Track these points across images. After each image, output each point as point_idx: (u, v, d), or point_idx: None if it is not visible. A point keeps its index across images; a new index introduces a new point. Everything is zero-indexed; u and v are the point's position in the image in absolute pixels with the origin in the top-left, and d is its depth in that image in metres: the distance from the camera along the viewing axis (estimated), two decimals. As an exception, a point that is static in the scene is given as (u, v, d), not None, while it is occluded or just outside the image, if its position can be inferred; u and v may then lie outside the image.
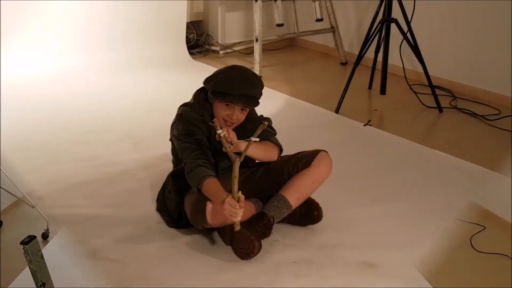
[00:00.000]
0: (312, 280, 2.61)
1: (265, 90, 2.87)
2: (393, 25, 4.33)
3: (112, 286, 2.54)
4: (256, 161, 2.96)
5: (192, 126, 2.81)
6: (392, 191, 3.34)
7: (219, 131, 2.68)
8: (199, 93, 2.91)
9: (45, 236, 2.83)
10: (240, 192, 2.63)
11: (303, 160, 2.90)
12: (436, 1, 4.80)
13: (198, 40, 5.69)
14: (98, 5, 5.03)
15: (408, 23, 4.31)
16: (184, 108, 2.88)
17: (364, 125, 4.18)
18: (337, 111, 4.37)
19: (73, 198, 3.18)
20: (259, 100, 2.82)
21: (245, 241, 2.67)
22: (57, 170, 3.46)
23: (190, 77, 4.75)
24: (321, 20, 5.36)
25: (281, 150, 2.95)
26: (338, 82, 4.92)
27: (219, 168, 2.87)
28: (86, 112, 4.25)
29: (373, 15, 4.40)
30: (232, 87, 2.73)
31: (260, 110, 3.00)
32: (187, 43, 5.50)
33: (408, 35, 4.34)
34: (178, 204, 2.89)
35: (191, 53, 5.47)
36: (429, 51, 4.70)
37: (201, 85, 2.87)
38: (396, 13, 4.32)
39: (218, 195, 2.65)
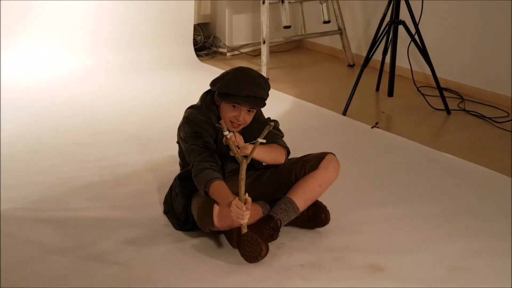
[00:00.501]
0: (320, 283, 2.59)
1: (272, 92, 2.86)
2: (400, 27, 4.31)
3: (119, 288, 2.54)
4: (264, 163, 2.95)
5: (199, 128, 2.80)
6: (399, 194, 3.32)
7: (226, 133, 2.67)
8: (206, 95, 2.90)
9: None
10: (247, 194, 2.62)
11: (311, 163, 2.89)
12: (444, 3, 4.78)
13: (205, 42, 5.68)
14: (105, 6, 5.03)
15: (416, 25, 4.29)
16: (191, 110, 2.87)
17: (372, 127, 4.16)
18: (344, 113, 4.36)
19: (80, 200, 3.17)
20: (266, 102, 2.81)
21: (252, 244, 2.66)
22: (63, 172, 3.45)
23: (197, 79, 4.74)
24: (328, 22, 5.34)
25: (288, 152, 2.93)
26: (346, 84, 4.90)
27: (226, 170, 2.87)
28: (93, 113, 4.24)
29: (380, 17, 4.38)
30: (239, 88, 2.72)
31: (267, 112, 2.99)
32: (194, 45, 5.49)
33: (416, 37, 4.32)
34: (185, 207, 2.88)
35: (198, 55, 5.46)
36: (437, 53, 4.68)
37: (208, 87, 2.87)
38: (403, 15, 4.31)
39: (225, 198, 2.64)
